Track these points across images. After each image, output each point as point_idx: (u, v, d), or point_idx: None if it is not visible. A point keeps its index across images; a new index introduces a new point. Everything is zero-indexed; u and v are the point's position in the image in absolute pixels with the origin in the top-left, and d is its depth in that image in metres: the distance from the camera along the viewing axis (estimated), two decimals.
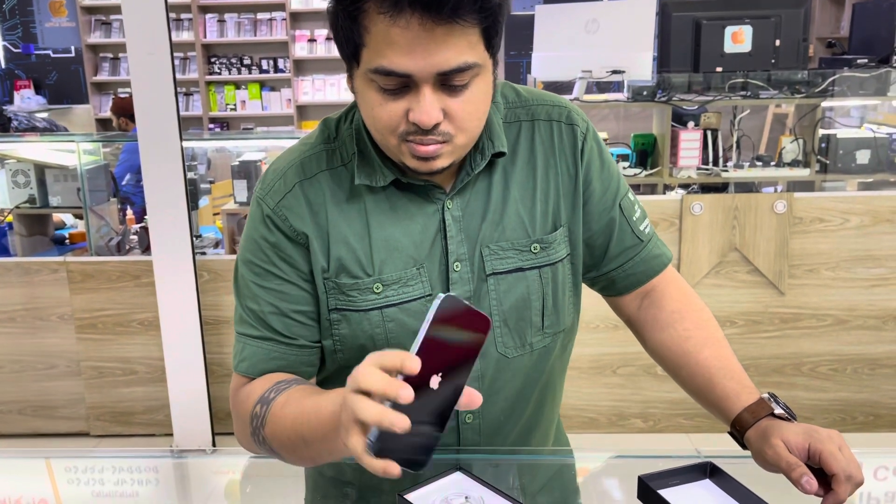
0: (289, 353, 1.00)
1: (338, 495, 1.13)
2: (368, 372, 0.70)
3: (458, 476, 0.93)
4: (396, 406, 0.68)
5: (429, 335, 0.69)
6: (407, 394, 0.68)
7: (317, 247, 0.98)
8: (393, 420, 0.68)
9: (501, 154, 0.99)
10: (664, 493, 0.89)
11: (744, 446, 0.93)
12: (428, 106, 0.85)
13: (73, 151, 3.04)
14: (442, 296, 0.70)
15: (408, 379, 0.69)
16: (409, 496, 0.88)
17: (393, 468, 0.71)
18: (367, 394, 0.70)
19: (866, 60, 3.01)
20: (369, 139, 0.97)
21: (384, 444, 0.69)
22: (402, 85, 0.85)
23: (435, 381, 0.70)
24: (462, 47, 0.83)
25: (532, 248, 1.00)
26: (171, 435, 2.94)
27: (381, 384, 0.69)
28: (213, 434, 2.92)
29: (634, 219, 1.08)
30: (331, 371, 1.06)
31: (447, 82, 0.85)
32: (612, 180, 1.06)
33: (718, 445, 1.04)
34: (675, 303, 1.08)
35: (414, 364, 0.68)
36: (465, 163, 0.98)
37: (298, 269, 0.99)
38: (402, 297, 0.97)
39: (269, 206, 0.99)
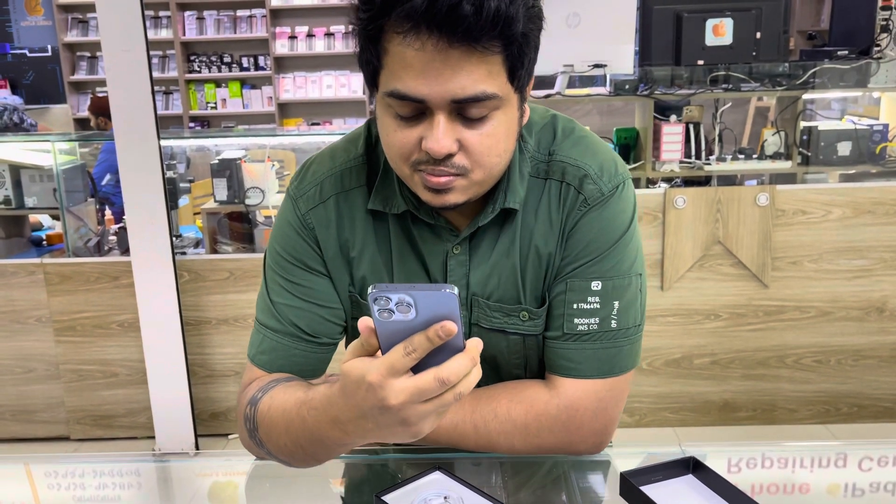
0: (309, 350, 1.00)
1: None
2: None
3: (437, 476, 0.91)
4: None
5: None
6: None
7: (339, 263, 0.98)
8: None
9: (512, 210, 0.95)
10: (646, 489, 0.88)
11: None
12: (440, 134, 0.81)
13: (49, 151, 2.99)
14: (453, 292, 0.67)
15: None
16: (387, 497, 0.86)
17: None
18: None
19: (847, 52, 3.02)
20: None
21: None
22: (418, 111, 0.82)
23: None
24: (480, 75, 0.80)
25: (521, 316, 0.98)
26: (153, 438, 2.90)
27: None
28: (196, 436, 2.89)
29: (574, 307, 0.95)
30: None
31: (463, 112, 0.82)
32: (582, 256, 0.95)
33: (704, 439, 1.03)
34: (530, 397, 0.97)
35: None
36: (480, 210, 0.95)
37: (325, 267, 0.99)
38: None
39: (300, 210, 0.99)
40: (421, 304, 0.67)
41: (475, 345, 0.72)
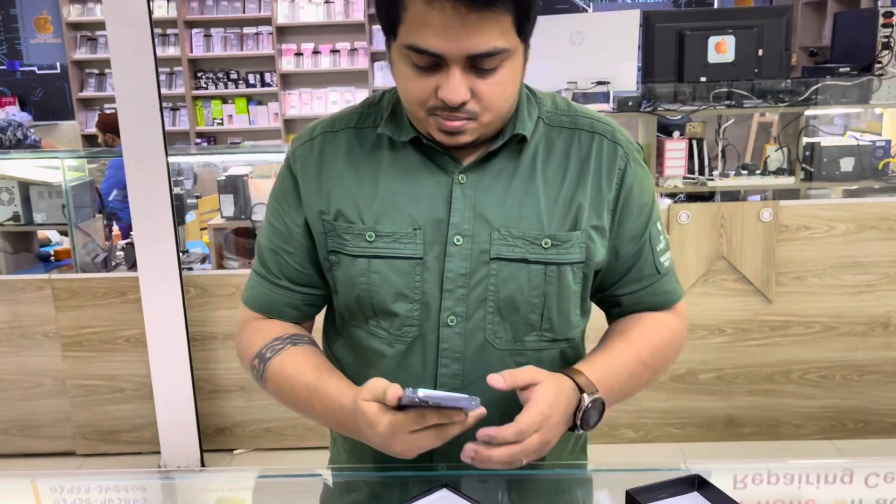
0: (273, 292, 1.08)
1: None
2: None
3: (444, 493, 0.92)
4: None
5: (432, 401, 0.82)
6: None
7: (314, 192, 1.04)
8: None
9: (522, 139, 1.01)
10: None
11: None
12: (456, 85, 0.90)
13: (58, 168, 3.02)
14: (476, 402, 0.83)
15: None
16: None
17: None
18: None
19: (848, 69, 3.03)
20: None
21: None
22: (434, 63, 0.90)
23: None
24: (493, 33, 0.88)
25: (543, 243, 1.01)
26: (159, 453, 2.90)
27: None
28: (202, 452, 2.89)
29: (658, 249, 1.09)
30: (339, 326, 1.11)
31: (477, 64, 0.90)
32: (646, 207, 1.07)
33: (709, 455, 1.04)
34: (654, 320, 1.10)
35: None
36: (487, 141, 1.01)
37: (297, 211, 1.05)
38: (392, 252, 1.00)
39: (291, 149, 1.08)
40: (445, 404, 0.82)
41: (477, 415, 0.86)
